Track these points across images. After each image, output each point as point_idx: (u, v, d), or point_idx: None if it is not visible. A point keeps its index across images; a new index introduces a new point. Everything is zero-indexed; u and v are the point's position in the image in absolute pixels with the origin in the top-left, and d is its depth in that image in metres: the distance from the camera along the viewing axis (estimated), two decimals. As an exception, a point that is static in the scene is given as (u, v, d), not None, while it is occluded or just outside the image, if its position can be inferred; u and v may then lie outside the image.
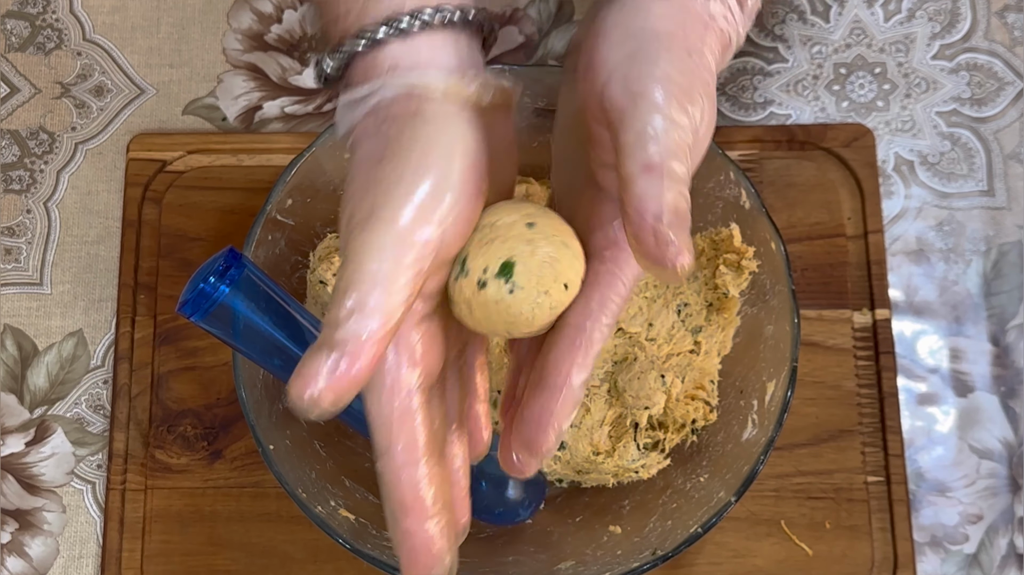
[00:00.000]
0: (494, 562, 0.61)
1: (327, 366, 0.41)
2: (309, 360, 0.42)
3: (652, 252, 0.41)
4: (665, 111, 0.43)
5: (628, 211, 0.41)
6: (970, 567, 0.66)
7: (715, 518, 0.57)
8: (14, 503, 0.67)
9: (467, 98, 0.46)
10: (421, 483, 0.45)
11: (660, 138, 0.42)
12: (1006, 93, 0.73)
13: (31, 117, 0.73)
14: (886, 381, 0.67)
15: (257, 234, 0.60)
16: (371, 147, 0.45)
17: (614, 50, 0.45)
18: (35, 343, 0.70)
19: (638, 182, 0.41)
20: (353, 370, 0.41)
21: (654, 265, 0.41)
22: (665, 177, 0.41)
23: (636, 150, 0.42)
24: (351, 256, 0.43)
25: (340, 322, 0.42)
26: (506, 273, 0.44)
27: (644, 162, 0.42)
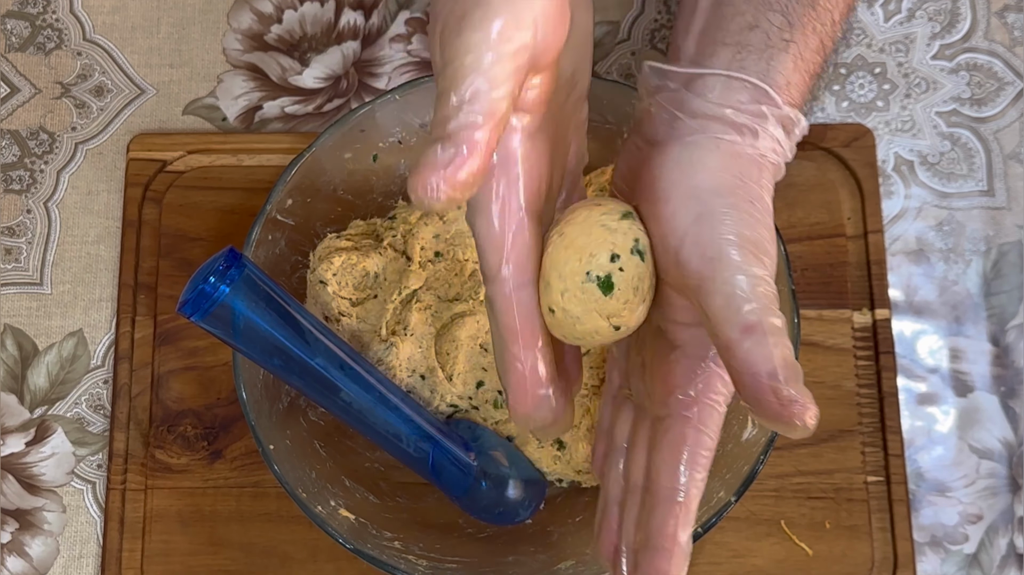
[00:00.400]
0: (494, 562, 0.61)
1: (443, 157, 0.41)
2: (425, 154, 0.41)
3: (776, 412, 0.41)
4: (746, 269, 0.43)
5: (740, 376, 0.42)
6: (970, 567, 0.66)
7: (715, 518, 0.57)
8: (14, 503, 0.67)
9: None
10: (533, 308, 0.45)
11: (751, 297, 0.42)
12: (1006, 93, 0.73)
13: (31, 117, 0.73)
14: (886, 381, 0.67)
15: (257, 234, 0.60)
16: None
17: (679, 215, 0.45)
18: (35, 343, 0.70)
19: (742, 346, 0.42)
20: (470, 161, 0.41)
21: (779, 425, 0.42)
22: (768, 335, 0.42)
23: (730, 314, 0.42)
24: (450, 58, 0.42)
25: (450, 116, 0.41)
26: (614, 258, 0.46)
27: (742, 325, 0.42)
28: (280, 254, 0.63)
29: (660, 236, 0.46)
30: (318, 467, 0.62)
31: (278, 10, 0.75)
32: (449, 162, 0.41)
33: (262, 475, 0.66)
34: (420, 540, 0.61)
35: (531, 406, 0.47)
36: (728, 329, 0.42)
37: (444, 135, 0.41)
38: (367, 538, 0.59)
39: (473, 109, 0.41)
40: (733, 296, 0.43)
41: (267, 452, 0.58)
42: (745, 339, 0.42)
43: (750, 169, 0.47)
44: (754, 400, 0.42)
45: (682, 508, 0.48)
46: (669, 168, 0.46)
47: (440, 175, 0.41)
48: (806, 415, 0.41)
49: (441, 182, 0.41)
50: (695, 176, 0.46)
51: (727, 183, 0.46)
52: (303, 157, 0.61)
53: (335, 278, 0.63)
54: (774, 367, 0.41)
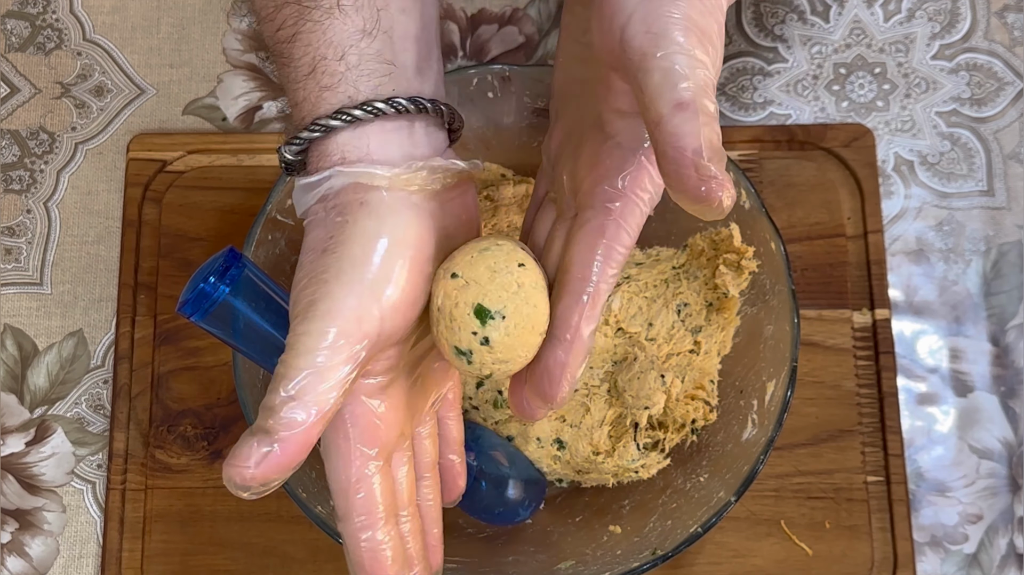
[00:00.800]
0: (494, 562, 0.61)
1: (259, 453, 0.43)
2: (242, 445, 0.44)
3: (694, 188, 0.41)
4: (689, 51, 0.42)
5: (665, 149, 0.41)
6: (970, 567, 0.66)
7: (715, 518, 0.57)
8: (14, 503, 0.67)
9: (416, 185, 0.47)
10: (379, 547, 0.47)
11: (688, 76, 0.42)
12: (1006, 93, 0.73)
13: (31, 117, 0.73)
14: (886, 381, 0.67)
15: (257, 234, 0.60)
16: (318, 235, 0.47)
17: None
18: (35, 343, 0.70)
19: (672, 120, 0.41)
20: (283, 457, 0.44)
21: (696, 202, 0.41)
22: (700, 113, 0.41)
23: (665, 89, 0.42)
24: (290, 345, 0.45)
25: (275, 410, 0.44)
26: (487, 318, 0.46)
27: (676, 100, 0.41)
28: (280, 254, 0.63)
29: (609, 14, 0.45)
30: (318, 467, 0.61)
31: (278, 10, 0.75)
32: (261, 460, 0.43)
33: (262, 475, 0.66)
34: (420, 540, 0.61)
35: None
36: (661, 104, 0.42)
37: (263, 429, 0.44)
38: (367, 538, 0.59)
39: (298, 408, 0.44)
40: (671, 72, 0.42)
41: (267, 452, 0.58)
42: (676, 114, 0.41)
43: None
44: (675, 175, 0.41)
45: (589, 300, 0.47)
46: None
47: (253, 472, 0.43)
48: (723, 193, 0.41)
49: (256, 475, 0.44)
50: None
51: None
52: (303, 157, 0.61)
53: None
54: (699, 144, 0.41)
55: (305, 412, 0.44)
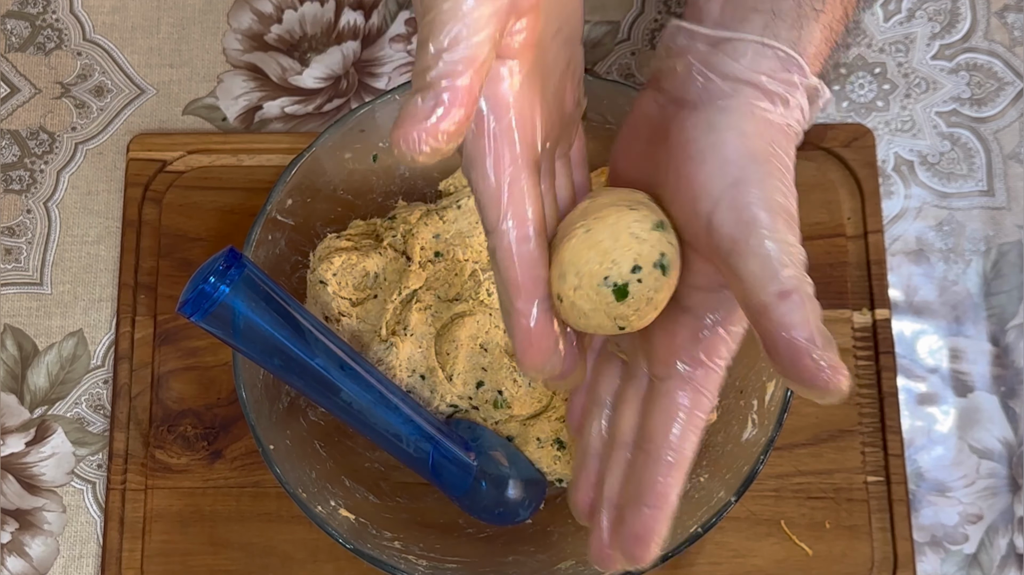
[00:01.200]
0: (494, 562, 0.61)
1: (423, 108, 0.40)
2: (405, 106, 0.41)
3: (812, 379, 0.42)
4: (782, 236, 0.43)
5: (775, 341, 0.42)
6: (970, 567, 0.66)
7: (715, 518, 0.57)
8: (14, 503, 0.67)
9: None
10: (535, 260, 0.45)
11: (787, 263, 0.43)
12: (1006, 93, 0.73)
13: (31, 117, 0.73)
14: (886, 381, 0.67)
15: (257, 234, 0.60)
16: None
17: (715, 177, 0.45)
18: (35, 343, 0.70)
19: (778, 309, 0.42)
20: (452, 110, 0.40)
21: (813, 390, 0.42)
22: (805, 300, 0.42)
23: (766, 279, 0.42)
24: (429, 5, 0.42)
25: (429, 66, 0.41)
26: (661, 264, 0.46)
27: (779, 290, 0.42)
28: (280, 254, 0.63)
29: (691, 198, 0.46)
30: (318, 467, 0.62)
31: (278, 10, 0.75)
32: (431, 112, 0.40)
33: (262, 475, 0.66)
34: (420, 540, 0.61)
35: (539, 359, 0.46)
36: (764, 294, 0.42)
37: (424, 85, 0.41)
38: (367, 538, 0.59)
39: (453, 57, 0.41)
40: (769, 260, 0.43)
41: (267, 452, 0.58)
42: (782, 303, 0.42)
43: (780, 138, 0.47)
44: (790, 365, 0.42)
45: (675, 468, 0.48)
46: (704, 130, 0.46)
47: (422, 127, 0.40)
48: (841, 380, 0.42)
49: (424, 133, 0.40)
50: (731, 141, 0.46)
51: (761, 150, 0.46)
52: (303, 157, 0.61)
53: (335, 278, 0.63)
54: (811, 332, 0.42)
55: (461, 58, 0.41)
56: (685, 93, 0.48)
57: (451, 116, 0.40)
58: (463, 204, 0.63)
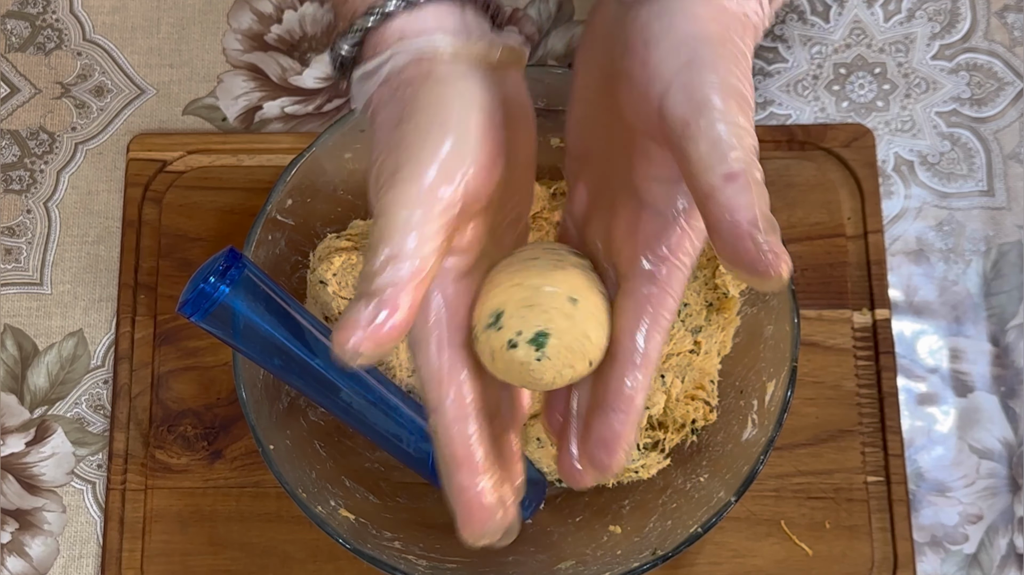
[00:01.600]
0: (494, 562, 0.61)
1: (366, 315, 0.42)
2: (349, 311, 0.42)
3: (753, 262, 0.41)
4: (733, 118, 0.42)
5: (719, 222, 0.41)
6: (970, 567, 0.66)
7: (715, 518, 0.57)
8: (14, 503, 0.67)
9: (476, 57, 0.47)
10: (472, 438, 0.46)
11: (736, 145, 0.42)
12: (1006, 93, 0.73)
13: (31, 117, 0.73)
14: (886, 381, 0.67)
15: (257, 234, 0.60)
16: (389, 112, 0.46)
17: (668, 59, 0.44)
18: (35, 343, 0.70)
19: (724, 191, 0.41)
20: (393, 318, 0.42)
21: (754, 275, 0.41)
22: (752, 183, 0.41)
23: (714, 159, 0.42)
24: (381, 211, 0.44)
25: (376, 272, 0.43)
26: (538, 343, 0.46)
27: (726, 171, 0.41)
28: (280, 254, 0.63)
29: (644, 82, 0.44)
30: (318, 467, 0.62)
31: (278, 10, 0.75)
32: (371, 321, 0.42)
33: (262, 475, 0.66)
34: (420, 540, 0.61)
35: (483, 527, 0.47)
36: (711, 175, 0.41)
37: (369, 292, 0.43)
38: (367, 538, 0.59)
39: (401, 266, 0.43)
40: (719, 141, 0.42)
41: (267, 452, 0.58)
42: (728, 185, 0.41)
43: (736, 25, 0.46)
44: (731, 248, 0.41)
45: (641, 370, 0.47)
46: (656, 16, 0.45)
47: (362, 334, 0.42)
48: (781, 265, 0.41)
49: (364, 341, 0.42)
50: (684, 24, 0.45)
51: (716, 33, 0.45)
52: (303, 157, 0.61)
53: (335, 278, 0.63)
54: (755, 215, 0.41)
55: (407, 268, 0.43)
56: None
57: (391, 324, 0.42)
58: None
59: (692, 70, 0.44)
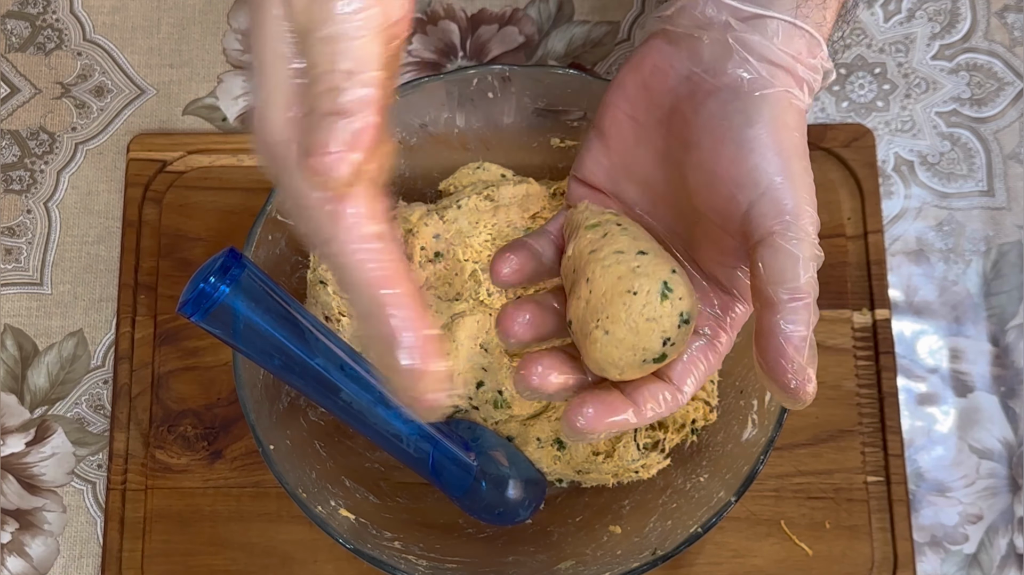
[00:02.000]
0: (494, 562, 0.61)
1: (349, 132, 0.40)
2: (315, 132, 0.40)
3: (784, 379, 0.44)
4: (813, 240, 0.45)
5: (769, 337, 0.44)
6: (970, 567, 0.66)
7: (715, 518, 0.57)
8: (14, 503, 0.67)
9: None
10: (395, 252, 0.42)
11: (809, 271, 0.45)
12: (1006, 93, 0.73)
13: (31, 117, 0.73)
14: (886, 381, 0.67)
15: (257, 234, 0.60)
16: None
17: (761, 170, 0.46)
18: (35, 343, 0.70)
19: (785, 308, 0.44)
20: (371, 133, 0.40)
21: (781, 391, 0.45)
22: (812, 311, 0.44)
23: (786, 277, 0.44)
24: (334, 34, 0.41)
25: (340, 86, 0.40)
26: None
27: (795, 291, 0.44)
28: (280, 254, 0.63)
29: (731, 184, 0.47)
30: (318, 467, 0.62)
31: (278, 10, 0.75)
32: (354, 142, 0.40)
33: (262, 475, 0.66)
34: (420, 540, 0.61)
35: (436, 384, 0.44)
36: (780, 290, 0.44)
37: (336, 108, 0.40)
38: (367, 538, 0.59)
39: (363, 81, 0.40)
40: (797, 261, 0.44)
41: (267, 452, 0.58)
42: (790, 304, 0.44)
43: (803, 125, 0.48)
44: (771, 361, 0.44)
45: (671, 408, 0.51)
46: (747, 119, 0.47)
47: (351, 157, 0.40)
48: (807, 391, 0.44)
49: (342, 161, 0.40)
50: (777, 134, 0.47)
51: (799, 144, 0.47)
52: (303, 157, 0.61)
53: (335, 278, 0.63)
54: (804, 343, 0.44)
55: (372, 85, 0.40)
56: (720, 71, 0.49)
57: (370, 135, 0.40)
58: (463, 204, 0.63)
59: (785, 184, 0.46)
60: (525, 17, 0.75)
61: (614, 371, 0.49)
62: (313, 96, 0.41)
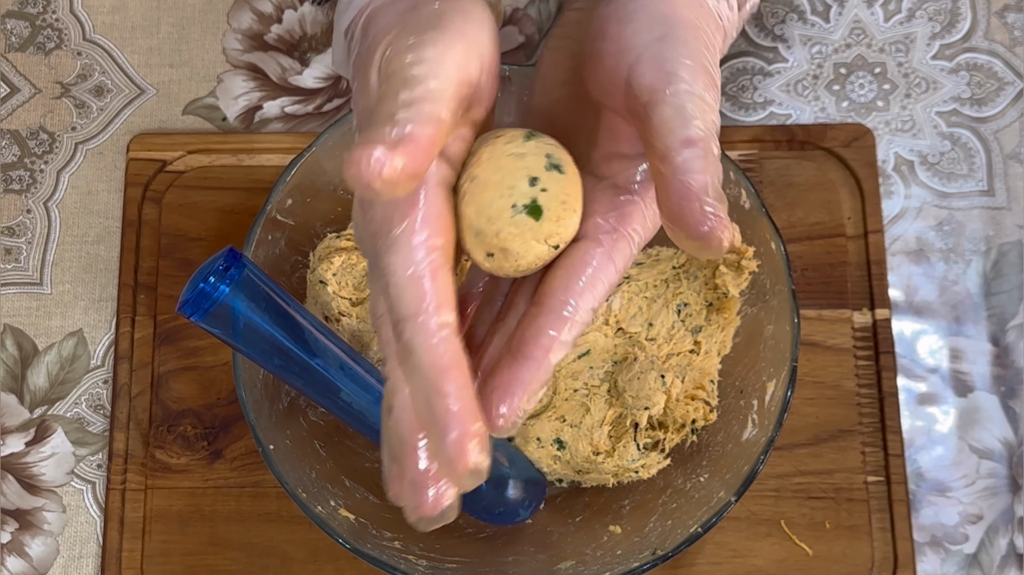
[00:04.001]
0: (494, 562, 0.61)
1: (393, 137, 0.39)
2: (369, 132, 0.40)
3: (696, 225, 0.41)
4: (700, 93, 0.43)
5: (670, 184, 0.41)
6: (970, 567, 0.66)
7: (715, 518, 0.57)
8: (14, 503, 0.67)
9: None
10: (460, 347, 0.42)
11: (699, 116, 0.42)
12: (1006, 93, 0.73)
13: (31, 117, 0.73)
14: (886, 381, 0.67)
15: (257, 234, 0.60)
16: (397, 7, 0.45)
17: (642, 33, 0.45)
18: (35, 343, 0.70)
19: (681, 154, 0.41)
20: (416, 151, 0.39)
21: (696, 239, 0.41)
22: (708, 153, 0.42)
23: (676, 124, 0.42)
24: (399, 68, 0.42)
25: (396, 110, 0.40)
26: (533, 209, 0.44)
27: (686, 136, 0.42)
28: (280, 254, 0.63)
29: (614, 54, 0.45)
30: (318, 467, 0.62)
31: (278, 10, 0.75)
32: (398, 143, 0.39)
33: (262, 475, 0.66)
34: (420, 540, 0.61)
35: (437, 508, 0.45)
36: (670, 139, 0.42)
37: (392, 119, 0.40)
38: (367, 538, 0.59)
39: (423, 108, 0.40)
40: (683, 108, 0.42)
41: (267, 452, 0.58)
42: (684, 150, 0.41)
43: (709, 20, 0.46)
44: (677, 210, 0.41)
45: (569, 324, 0.44)
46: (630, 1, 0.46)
47: (386, 154, 0.39)
48: (723, 232, 0.41)
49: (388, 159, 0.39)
50: (659, 5, 0.45)
51: (690, 19, 0.45)
52: (303, 157, 0.61)
53: (335, 278, 0.63)
54: (706, 182, 0.41)
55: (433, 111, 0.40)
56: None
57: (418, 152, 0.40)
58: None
59: (664, 43, 0.44)
60: (525, 17, 0.75)
61: (487, 225, 0.44)
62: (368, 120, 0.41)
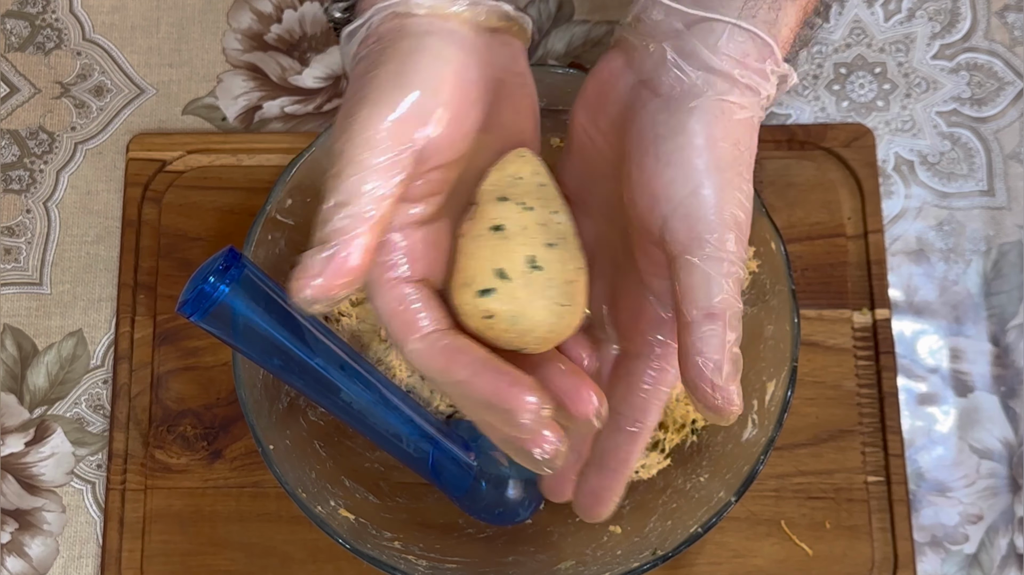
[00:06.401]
0: (494, 562, 0.61)
1: (318, 262, 0.42)
2: (304, 259, 0.43)
3: (707, 401, 0.44)
4: (727, 254, 0.44)
5: (688, 355, 0.44)
6: (970, 567, 0.66)
7: (715, 518, 0.57)
8: (14, 503, 0.67)
9: (457, 17, 0.46)
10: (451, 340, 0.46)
11: (723, 286, 0.44)
12: (1006, 93, 0.73)
13: (31, 117, 0.73)
14: (886, 381, 0.67)
15: (257, 234, 0.60)
16: (363, 66, 0.46)
17: (676, 185, 0.45)
18: (35, 343, 0.70)
19: (699, 329, 0.44)
20: (344, 262, 0.42)
21: (706, 409, 0.45)
22: (728, 327, 0.44)
23: (699, 296, 0.44)
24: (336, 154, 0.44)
25: (327, 219, 0.43)
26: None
27: (708, 310, 0.44)
28: (280, 254, 0.63)
29: (651, 199, 0.46)
30: (318, 467, 0.61)
31: (278, 10, 0.75)
32: (327, 264, 0.42)
33: (262, 475, 0.66)
34: (420, 540, 0.61)
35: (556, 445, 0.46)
36: (694, 309, 0.44)
37: (323, 237, 0.43)
38: (367, 538, 0.59)
39: (350, 212, 0.43)
40: (708, 279, 0.44)
41: (267, 452, 0.58)
42: (704, 324, 0.44)
43: (745, 135, 0.47)
44: (691, 383, 0.44)
45: (637, 438, 0.51)
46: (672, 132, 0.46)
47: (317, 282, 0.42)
48: (730, 411, 0.44)
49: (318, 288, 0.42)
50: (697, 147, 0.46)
51: (726, 156, 0.46)
52: (303, 157, 0.61)
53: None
54: (722, 360, 0.44)
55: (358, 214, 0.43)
56: (657, 81, 0.47)
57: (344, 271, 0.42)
58: None
59: (697, 199, 0.45)
60: (525, 17, 0.75)
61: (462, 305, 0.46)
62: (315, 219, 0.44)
